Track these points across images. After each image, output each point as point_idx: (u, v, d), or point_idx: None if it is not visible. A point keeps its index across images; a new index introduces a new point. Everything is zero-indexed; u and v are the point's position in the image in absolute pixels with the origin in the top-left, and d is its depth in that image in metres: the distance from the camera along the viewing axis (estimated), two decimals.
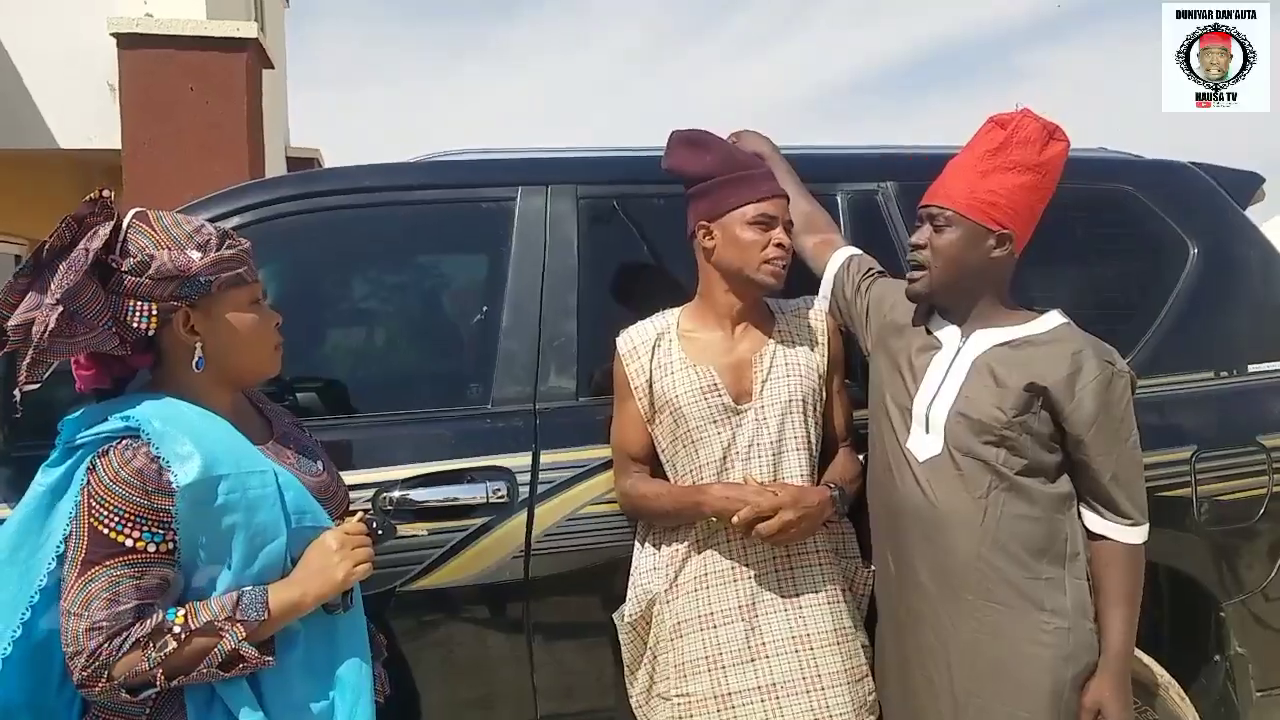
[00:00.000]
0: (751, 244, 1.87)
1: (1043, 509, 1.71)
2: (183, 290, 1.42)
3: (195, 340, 1.46)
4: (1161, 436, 2.21)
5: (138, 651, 1.31)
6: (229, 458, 1.40)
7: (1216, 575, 2.23)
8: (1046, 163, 1.74)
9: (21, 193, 8.94)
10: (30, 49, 7.06)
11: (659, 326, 1.97)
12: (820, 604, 1.86)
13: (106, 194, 1.44)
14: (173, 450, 1.35)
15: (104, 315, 1.40)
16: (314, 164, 10.47)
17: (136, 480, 1.33)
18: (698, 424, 1.88)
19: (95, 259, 1.38)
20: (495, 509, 1.97)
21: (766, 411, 1.89)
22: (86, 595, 1.31)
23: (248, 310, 1.50)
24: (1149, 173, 2.52)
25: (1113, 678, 1.69)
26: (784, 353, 1.93)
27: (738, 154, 1.96)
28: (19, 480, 1.83)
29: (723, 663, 1.82)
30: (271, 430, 1.60)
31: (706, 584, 1.86)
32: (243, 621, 1.35)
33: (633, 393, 1.93)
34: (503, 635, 2.02)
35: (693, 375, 1.90)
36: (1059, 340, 1.73)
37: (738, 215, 1.88)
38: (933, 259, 1.76)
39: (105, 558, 1.33)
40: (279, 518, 1.43)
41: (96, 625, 1.30)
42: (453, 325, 2.44)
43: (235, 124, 6.31)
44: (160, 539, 1.35)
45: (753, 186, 1.90)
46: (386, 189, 2.22)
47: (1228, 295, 2.41)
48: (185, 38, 6.31)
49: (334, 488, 1.61)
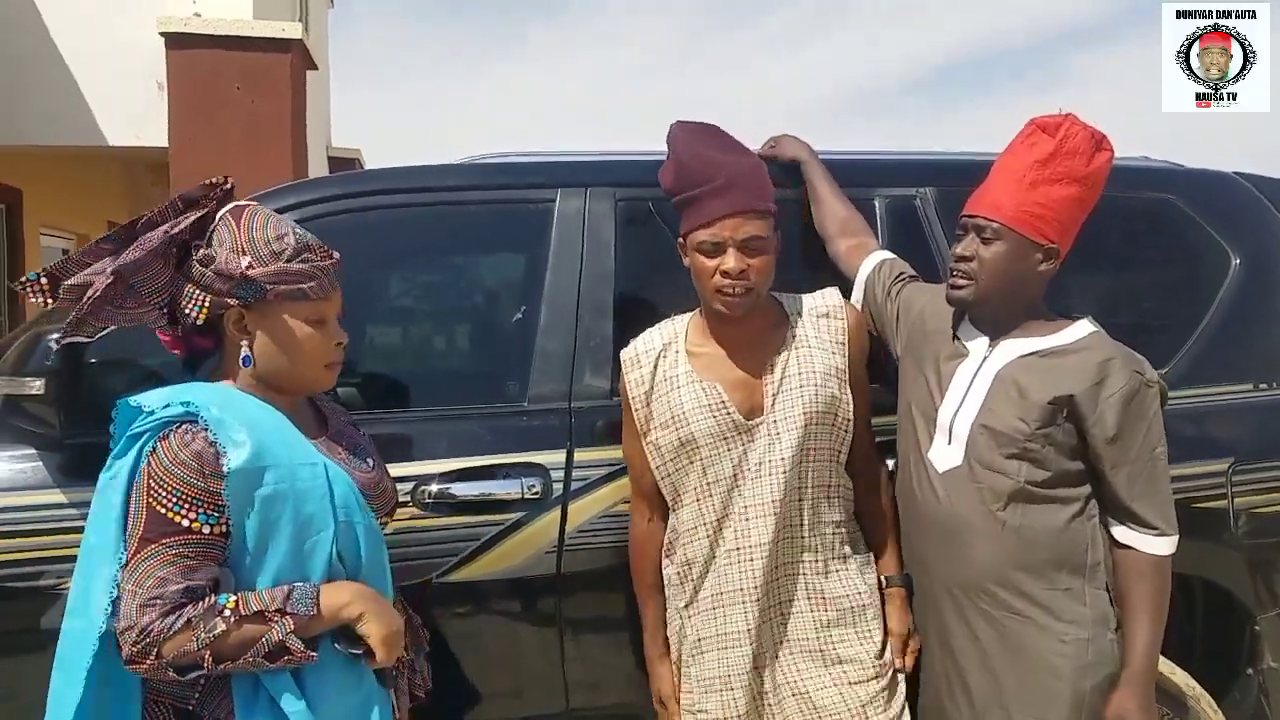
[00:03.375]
0: (701, 272, 1.75)
1: (1063, 520, 1.69)
2: (238, 290, 1.47)
3: (244, 339, 1.50)
4: (1199, 447, 2.20)
5: (188, 632, 1.33)
6: (280, 448, 1.44)
7: (1251, 588, 2.21)
8: (1093, 174, 1.72)
9: (71, 189, 9.16)
10: (80, 48, 7.22)
11: (665, 337, 1.87)
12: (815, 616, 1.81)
13: (224, 182, 1.52)
14: (228, 436, 1.39)
15: (163, 294, 1.47)
16: (355, 164, 10.61)
17: (194, 463, 1.37)
18: (707, 441, 1.78)
19: (178, 241, 1.45)
20: (529, 505, 2.00)
21: (779, 427, 1.78)
22: (141, 572, 1.35)
23: (305, 324, 1.51)
24: (1192, 182, 2.50)
25: (1136, 690, 1.67)
26: (797, 361, 1.81)
27: (696, 164, 1.75)
28: (74, 466, 1.91)
29: (732, 684, 1.78)
30: (326, 426, 1.64)
31: (721, 604, 1.79)
32: (292, 615, 1.38)
33: (631, 404, 1.86)
34: (535, 629, 2.05)
35: (699, 391, 1.79)
36: (1087, 349, 1.70)
37: (691, 239, 1.75)
38: (979, 271, 1.72)
39: (161, 536, 1.36)
40: (327, 510, 1.45)
41: (150, 601, 1.34)
42: (492, 324, 2.47)
43: (279, 123, 6.43)
44: (215, 521, 1.39)
45: (700, 209, 1.73)
46: (427, 190, 2.25)
47: (1269, 306, 2.38)
48: (232, 38, 6.43)
49: (383, 485, 1.64)
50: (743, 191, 1.73)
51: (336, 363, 1.57)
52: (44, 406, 1.84)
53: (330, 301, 1.55)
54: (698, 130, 1.82)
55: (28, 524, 1.88)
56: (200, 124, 6.31)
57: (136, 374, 2.06)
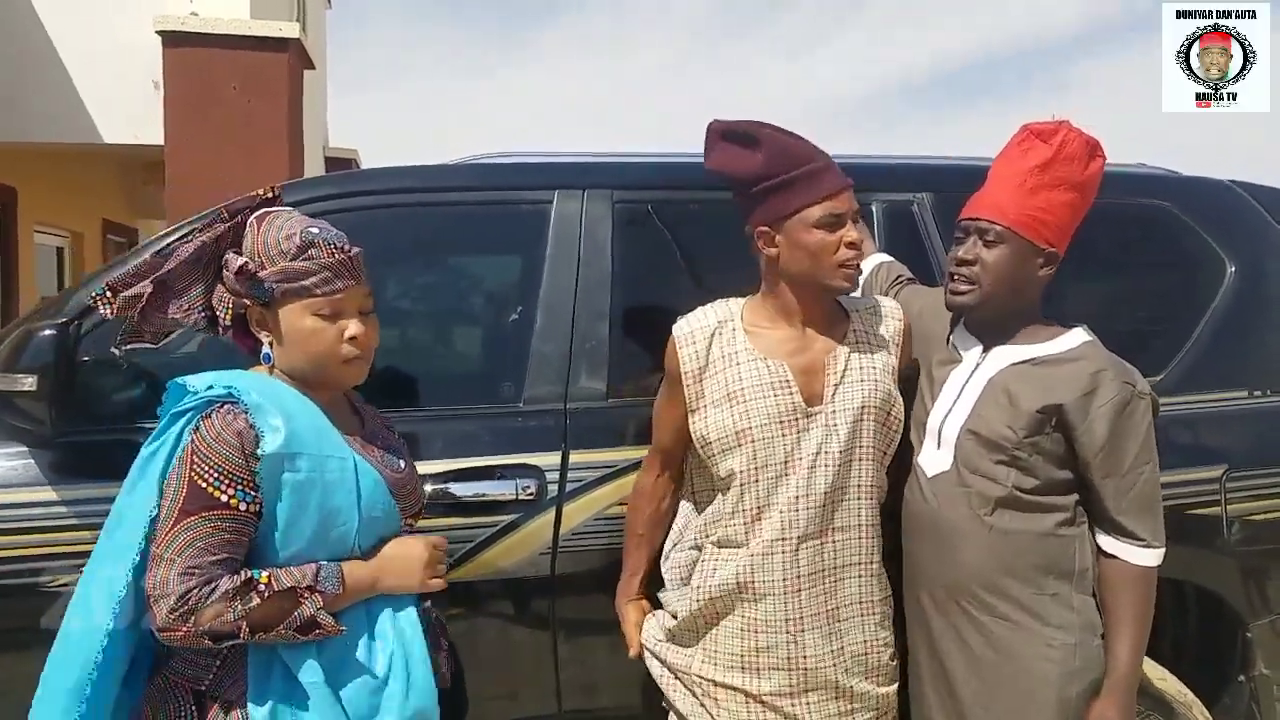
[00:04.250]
0: (821, 248, 1.70)
1: (1050, 526, 1.69)
2: (253, 291, 1.53)
3: (265, 336, 1.57)
4: (1193, 454, 2.21)
5: (225, 602, 1.39)
6: (312, 438, 1.49)
7: (1244, 595, 2.22)
8: (1089, 179, 1.73)
9: (66, 187, 9.14)
10: (77, 46, 7.21)
11: (720, 315, 1.82)
12: (854, 616, 1.79)
13: (269, 193, 1.64)
14: (265, 421, 1.46)
15: (203, 298, 1.59)
16: (352, 164, 10.60)
17: (236, 441, 1.43)
18: (762, 422, 1.73)
19: (212, 250, 1.57)
20: (524, 506, 2.00)
21: (838, 418, 1.75)
22: (180, 543, 1.40)
23: (316, 319, 1.54)
24: (1188, 189, 2.51)
25: (1118, 699, 1.67)
26: (858, 355, 1.79)
27: (791, 145, 1.74)
28: (66, 464, 1.91)
29: (758, 666, 1.76)
30: (363, 426, 1.68)
31: (754, 594, 1.75)
32: (321, 592, 1.44)
33: (682, 379, 1.80)
34: (528, 630, 2.05)
35: (762, 369, 1.75)
36: (1078, 359, 1.71)
37: (802, 218, 1.71)
38: (982, 274, 1.72)
39: (200, 509, 1.42)
40: (353, 504, 1.51)
41: (188, 569, 1.39)
42: (488, 325, 2.47)
43: (276, 123, 6.42)
44: (250, 499, 1.44)
45: (816, 184, 1.71)
46: (423, 190, 2.25)
47: (1264, 314, 2.39)
48: (229, 37, 6.42)
49: (411, 486, 1.67)
50: (837, 169, 1.76)
51: (357, 357, 1.58)
52: (36, 404, 1.83)
53: (344, 296, 1.55)
54: (756, 122, 1.78)
55: (19, 522, 1.87)
56: (197, 123, 6.30)
57: (128, 372, 2.06)
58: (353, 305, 1.57)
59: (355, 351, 1.56)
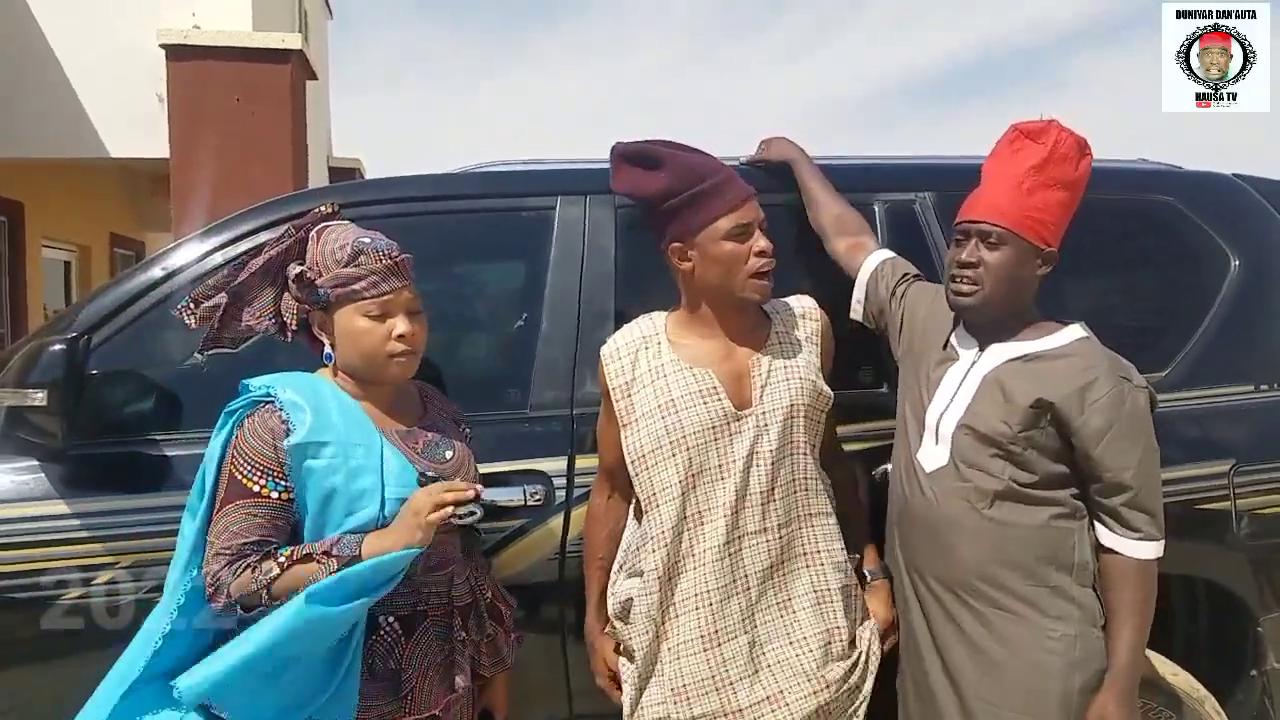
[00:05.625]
0: (733, 259, 1.77)
1: (1049, 519, 1.70)
2: (312, 297, 1.70)
3: (326, 339, 1.73)
4: (1201, 449, 2.20)
5: (249, 575, 1.57)
6: (338, 428, 1.63)
7: (1255, 589, 2.21)
8: (1080, 178, 1.76)
9: (73, 200, 9.18)
10: (81, 60, 7.25)
11: (644, 330, 1.87)
12: (810, 605, 1.80)
13: (331, 210, 1.79)
14: (296, 415, 1.62)
15: (272, 306, 1.75)
16: (355, 174, 10.62)
17: (268, 436, 1.61)
18: (695, 429, 1.77)
19: (279, 263, 1.72)
20: (532, 511, 2.01)
21: (768, 418, 1.79)
22: (219, 528, 1.60)
23: (365, 319, 1.68)
24: (1192, 184, 2.50)
25: (1118, 692, 1.67)
26: (781, 357, 1.85)
27: (693, 161, 1.80)
28: (77, 477, 1.92)
29: (729, 679, 1.76)
30: (423, 416, 1.80)
31: (708, 601, 1.76)
32: (337, 557, 1.57)
33: (610, 394, 1.84)
34: (539, 635, 2.05)
35: (690, 378, 1.79)
36: (1073, 355, 1.72)
37: (710, 232, 1.77)
38: (986, 276, 1.73)
39: (236, 499, 1.60)
40: (376, 488, 1.63)
41: (220, 551, 1.58)
42: (494, 331, 2.48)
43: (279, 134, 6.44)
44: (281, 488, 1.61)
45: (720, 196, 1.77)
46: (428, 199, 2.26)
47: (1269, 307, 2.39)
48: (231, 49, 6.45)
49: (458, 474, 1.75)
50: (740, 180, 1.82)
51: (404, 355, 1.70)
52: (47, 418, 1.85)
53: (392, 298, 1.68)
54: (657, 142, 1.85)
55: (31, 535, 1.89)
56: (201, 135, 6.33)
57: (137, 385, 2.07)
58: (400, 306, 1.70)
59: (403, 348, 1.69)
